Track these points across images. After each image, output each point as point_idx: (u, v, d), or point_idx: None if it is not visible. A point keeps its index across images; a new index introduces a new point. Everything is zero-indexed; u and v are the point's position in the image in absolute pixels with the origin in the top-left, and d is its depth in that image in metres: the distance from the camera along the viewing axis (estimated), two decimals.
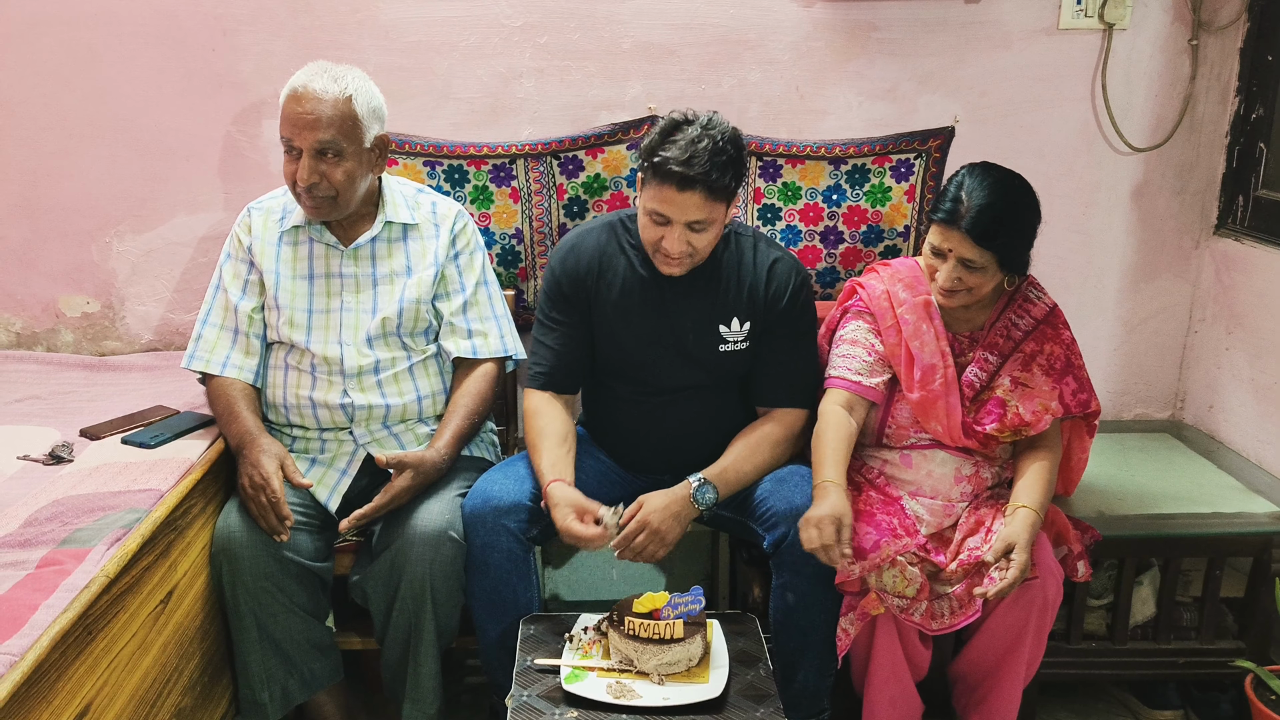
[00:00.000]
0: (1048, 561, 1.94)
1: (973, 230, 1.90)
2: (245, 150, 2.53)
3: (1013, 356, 2.03)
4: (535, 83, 2.50)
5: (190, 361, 2.15)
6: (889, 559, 1.92)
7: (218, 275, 2.18)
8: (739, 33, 2.49)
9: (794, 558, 1.93)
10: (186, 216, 2.57)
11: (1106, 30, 2.52)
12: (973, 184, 1.93)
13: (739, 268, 2.08)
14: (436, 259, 2.18)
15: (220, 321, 2.15)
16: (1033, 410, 1.99)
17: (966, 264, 1.93)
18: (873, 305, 2.08)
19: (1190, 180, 2.65)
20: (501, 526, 1.96)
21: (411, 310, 2.15)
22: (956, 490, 2.05)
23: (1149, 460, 2.54)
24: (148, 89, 2.48)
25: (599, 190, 2.56)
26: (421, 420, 2.20)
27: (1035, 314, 2.05)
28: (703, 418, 2.15)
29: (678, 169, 1.84)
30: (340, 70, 2.03)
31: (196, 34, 2.45)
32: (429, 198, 2.24)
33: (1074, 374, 2.04)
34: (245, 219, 2.18)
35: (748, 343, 2.10)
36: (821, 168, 2.56)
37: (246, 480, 1.97)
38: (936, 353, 2.02)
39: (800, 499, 1.96)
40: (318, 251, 2.15)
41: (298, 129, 1.98)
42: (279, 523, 1.95)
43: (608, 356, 2.14)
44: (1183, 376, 2.79)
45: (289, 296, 2.13)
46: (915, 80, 2.54)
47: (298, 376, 2.13)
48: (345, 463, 2.13)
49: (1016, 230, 1.95)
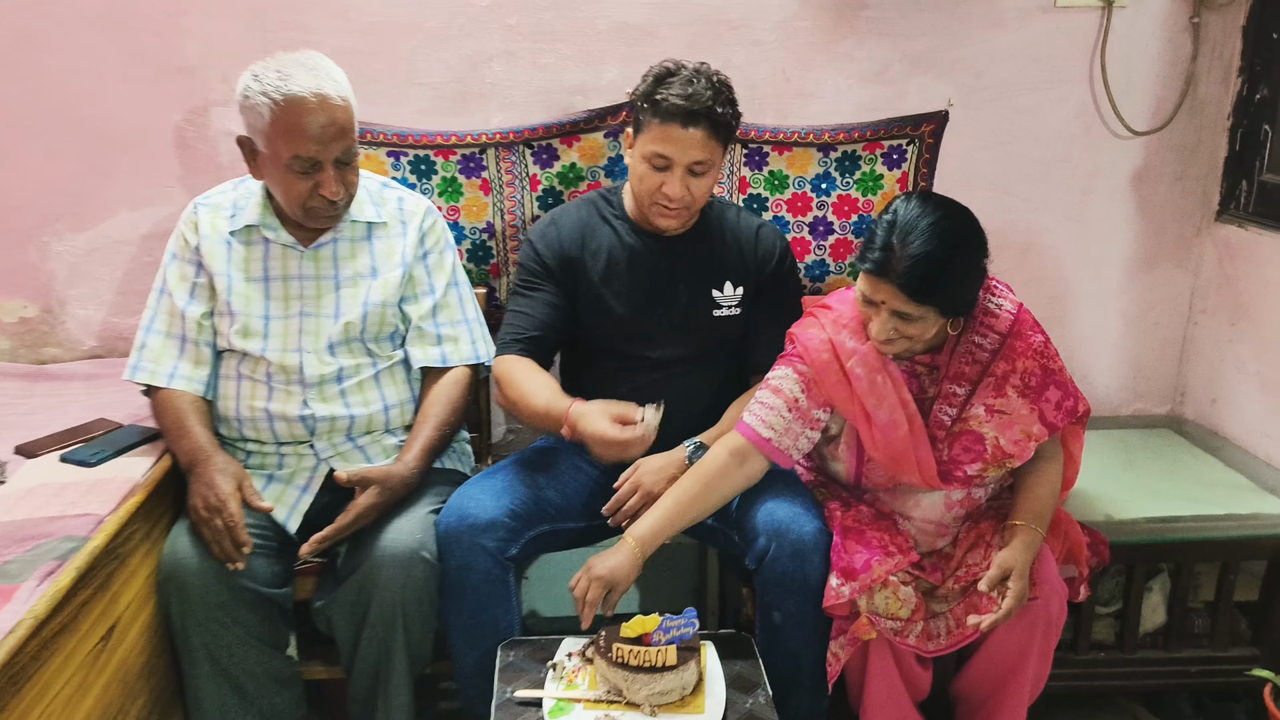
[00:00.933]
0: (1050, 579, 1.81)
1: (907, 285, 1.67)
2: (193, 140, 2.36)
3: (982, 382, 1.82)
4: (505, 66, 2.36)
5: (133, 373, 1.98)
6: (880, 579, 1.79)
7: (161, 278, 2.01)
8: (721, 12, 2.36)
9: (778, 575, 1.83)
10: (130, 213, 2.40)
11: (1106, 7, 2.41)
12: (907, 223, 1.69)
13: (725, 231, 2.07)
14: (404, 259, 2.03)
15: (165, 329, 1.99)
16: (1014, 440, 1.81)
17: (902, 316, 1.73)
18: (811, 359, 1.86)
19: (1191, 165, 2.56)
20: (478, 546, 1.84)
21: (377, 314, 2.00)
22: (949, 516, 1.91)
23: (1153, 458, 2.44)
24: (86, 76, 2.31)
25: (575, 181, 2.41)
26: (389, 431, 2.05)
27: (999, 328, 1.83)
28: (695, 395, 2.06)
29: (682, 103, 1.84)
30: (315, 61, 1.86)
31: (139, 16, 2.28)
32: (395, 193, 2.09)
33: (1054, 383, 1.83)
34: (191, 216, 2.01)
35: (740, 308, 2.06)
36: (810, 155, 2.43)
37: (200, 502, 1.81)
38: (896, 405, 1.81)
39: (783, 512, 1.86)
40: (274, 252, 1.99)
41: (323, 143, 1.82)
42: (235, 549, 1.79)
43: (595, 330, 2.06)
44: (1182, 370, 2.69)
45: (243, 301, 1.96)
46: (907, 61, 2.43)
47: (252, 387, 1.97)
48: (306, 479, 1.98)
49: (958, 277, 1.72)
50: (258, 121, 1.83)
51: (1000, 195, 2.53)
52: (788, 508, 1.87)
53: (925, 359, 1.86)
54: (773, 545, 1.82)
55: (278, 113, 1.80)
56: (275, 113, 1.80)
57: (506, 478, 1.97)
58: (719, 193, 2.43)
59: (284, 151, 1.83)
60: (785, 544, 1.82)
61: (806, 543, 1.82)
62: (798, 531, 1.83)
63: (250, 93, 1.82)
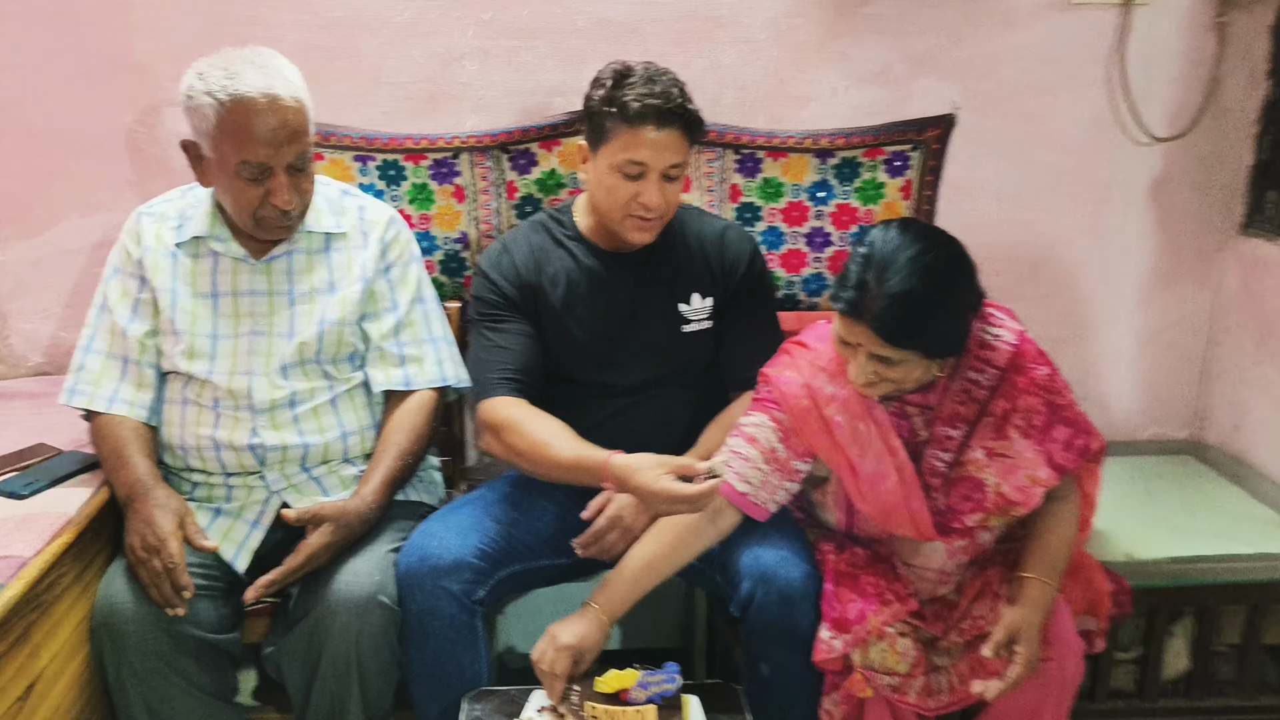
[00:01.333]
0: (1065, 636, 1.65)
1: (884, 329, 1.51)
2: (144, 143, 2.21)
3: (980, 422, 1.65)
4: (479, 65, 2.21)
5: (70, 397, 1.84)
6: (876, 631, 1.64)
7: (101, 294, 1.87)
8: (710, 7, 2.21)
9: (765, 623, 1.68)
10: (79, 219, 2.25)
11: (1125, 5, 2.26)
12: (883, 258, 1.51)
13: (688, 239, 1.94)
14: (364, 273, 1.88)
15: (106, 349, 1.84)
16: (1018, 486, 1.64)
17: (882, 360, 1.56)
18: (788, 405, 1.69)
19: (1214, 174, 2.40)
20: (441, 589, 1.69)
21: (334, 333, 1.85)
22: (952, 563, 1.75)
23: (1174, 488, 2.30)
24: (30, 73, 2.16)
25: (554, 188, 2.26)
26: (347, 461, 1.89)
27: (998, 362, 1.65)
28: (668, 423, 1.92)
29: (654, 102, 1.72)
30: (266, 58, 1.72)
31: (85, 9, 2.13)
32: (356, 201, 1.94)
33: (1062, 420, 1.66)
34: (134, 226, 1.87)
35: (711, 321, 1.93)
36: (806, 161, 2.28)
37: (137, 540, 1.66)
38: (883, 454, 1.65)
39: (770, 555, 1.71)
40: (223, 266, 1.84)
41: (274, 147, 1.68)
42: (175, 593, 1.64)
43: (560, 359, 1.91)
44: (1203, 392, 2.54)
45: (188, 319, 1.81)
46: (909, 62, 2.27)
47: (198, 412, 1.82)
48: (256, 513, 1.82)
49: (943, 318, 1.55)
50: (203, 124, 1.69)
51: (1009, 206, 2.37)
52: (774, 550, 1.72)
53: (916, 398, 1.68)
54: (758, 591, 1.68)
55: (224, 114, 1.66)
56: (221, 114, 1.66)
57: (474, 513, 1.82)
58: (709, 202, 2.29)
59: (232, 157, 1.69)
60: (772, 590, 1.68)
61: (795, 589, 1.68)
62: (785, 576, 1.68)
63: (194, 92, 1.68)
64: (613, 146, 1.75)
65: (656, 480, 1.56)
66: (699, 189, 2.27)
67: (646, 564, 1.68)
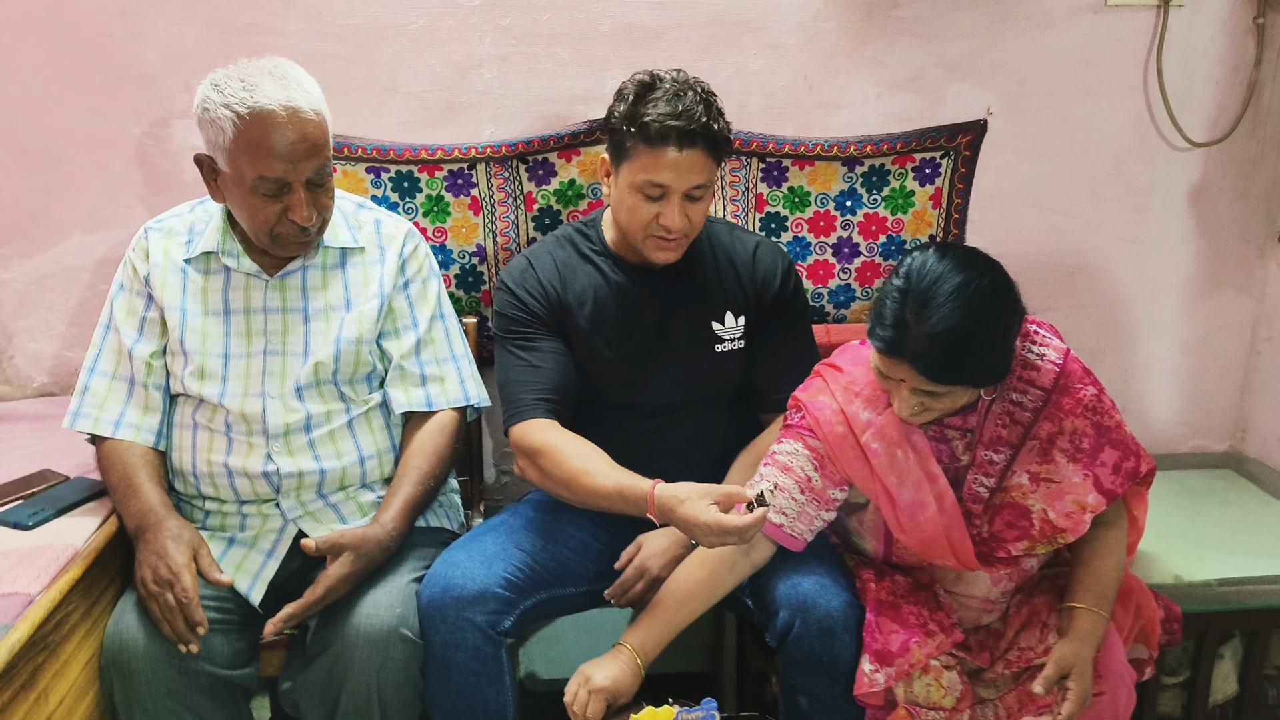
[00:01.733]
0: (1117, 668, 1.58)
1: (928, 368, 1.44)
2: (153, 156, 2.14)
3: (1025, 446, 1.58)
4: (498, 73, 2.14)
5: (74, 421, 1.76)
6: (921, 664, 1.57)
7: (108, 312, 1.80)
8: (737, 12, 2.14)
9: (805, 654, 1.61)
10: (84, 236, 2.18)
11: (1162, 6, 2.19)
12: (922, 295, 1.43)
13: (718, 255, 1.87)
14: (381, 289, 1.81)
15: (112, 370, 1.77)
16: (1066, 512, 1.57)
17: (926, 393, 1.50)
18: (823, 433, 1.62)
19: (1254, 180, 2.34)
20: (466, 621, 1.62)
21: (351, 353, 1.78)
22: (995, 591, 1.68)
23: (1218, 504, 2.23)
24: (32, 85, 2.09)
25: (574, 199, 2.19)
26: (365, 486, 1.82)
27: (1042, 382, 1.58)
28: (699, 445, 1.86)
29: (675, 123, 1.63)
30: (285, 69, 1.64)
31: (90, 17, 2.06)
32: (372, 214, 1.88)
33: (1110, 443, 1.58)
34: (141, 242, 1.80)
35: (744, 340, 1.86)
36: (834, 169, 2.21)
37: (149, 574, 1.58)
38: (922, 483, 1.58)
39: (809, 583, 1.64)
40: (235, 282, 1.77)
41: (293, 162, 1.61)
42: (188, 629, 1.56)
43: (589, 379, 1.84)
44: (1244, 403, 2.47)
45: (198, 339, 1.74)
46: (943, 67, 2.20)
47: (210, 438, 1.75)
48: (271, 542, 1.75)
49: (989, 352, 1.47)
50: (219, 137, 1.61)
51: (1046, 213, 2.31)
52: (813, 578, 1.65)
53: (956, 421, 1.61)
54: (797, 621, 1.61)
55: (242, 128, 1.59)
56: (239, 128, 1.59)
57: (497, 540, 1.75)
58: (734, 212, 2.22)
59: (249, 171, 1.61)
60: (811, 620, 1.61)
61: (835, 619, 1.61)
62: (825, 606, 1.61)
63: (210, 105, 1.61)
64: (633, 166, 1.68)
65: (704, 512, 1.49)
66: (723, 199, 2.20)
67: (679, 601, 1.62)
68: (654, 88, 1.68)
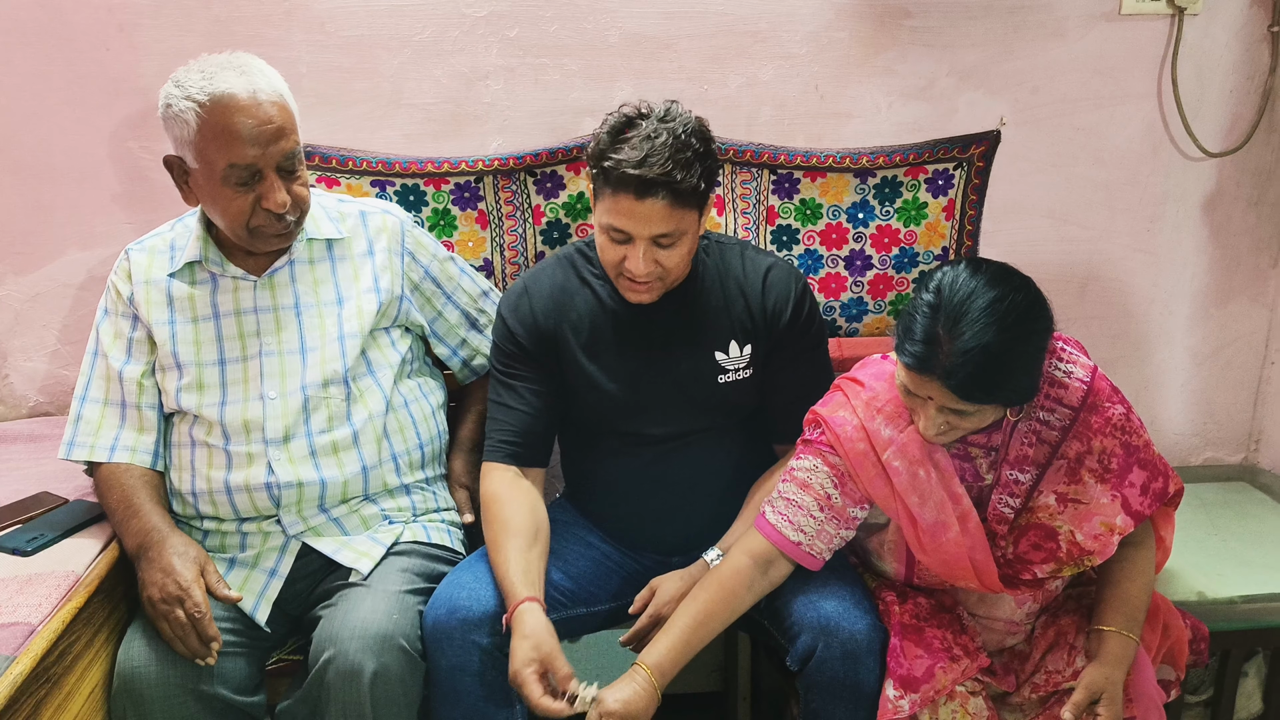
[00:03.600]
0: (1148, 691, 1.55)
1: (959, 386, 1.40)
2: (150, 170, 2.09)
3: (1052, 465, 1.55)
4: (504, 84, 2.10)
5: (69, 450, 1.73)
6: (946, 690, 1.53)
7: (94, 339, 1.77)
8: (748, 22, 2.10)
9: (828, 679, 1.57)
10: (80, 252, 2.14)
11: (1176, 15, 2.16)
12: (954, 310, 1.40)
13: (727, 281, 1.77)
14: (378, 285, 1.79)
15: (103, 396, 1.74)
16: (1093, 534, 1.53)
17: (955, 412, 1.46)
18: (844, 450, 1.58)
19: (1269, 189, 2.31)
20: (472, 644, 1.58)
21: (355, 347, 1.75)
22: (1020, 613, 1.65)
23: (1234, 517, 2.20)
24: (28, 98, 2.05)
25: (583, 212, 2.15)
26: (368, 499, 1.77)
27: (1070, 400, 1.54)
28: (709, 471, 1.80)
29: (633, 172, 1.54)
30: (244, 61, 1.64)
31: (87, 30, 2.02)
32: (354, 206, 1.85)
33: (1138, 463, 1.55)
34: (123, 264, 1.77)
35: (750, 369, 1.76)
36: (845, 181, 2.17)
37: (156, 591, 1.55)
38: (944, 503, 1.54)
39: (831, 605, 1.59)
40: (223, 286, 1.74)
41: (261, 145, 1.58)
42: (203, 645, 1.53)
43: (588, 411, 1.79)
44: (1258, 414, 2.44)
45: (191, 350, 1.71)
46: (955, 76, 2.17)
47: (208, 454, 1.71)
48: (274, 560, 1.71)
49: (1022, 370, 1.43)
50: (184, 131, 1.60)
51: (1058, 223, 2.28)
52: (835, 600, 1.60)
53: (981, 439, 1.57)
54: (819, 645, 1.57)
55: (204, 116, 1.57)
56: (202, 117, 1.57)
57: None
58: (744, 225, 2.18)
59: (218, 160, 1.59)
60: (834, 644, 1.56)
61: (860, 643, 1.56)
62: (849, 629, 1.57)
63: (172, 99, 1.60)
64: (600, 206, 1.62)
65: (524, 668, 1.49)
66: (734, 211, 2.16)
67: (697, 622, 1.57)
68: (632, 126, 1.60)
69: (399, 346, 1.84)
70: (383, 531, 1.76)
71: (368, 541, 1.73)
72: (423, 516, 1.83)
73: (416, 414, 1.84)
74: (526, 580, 1.58)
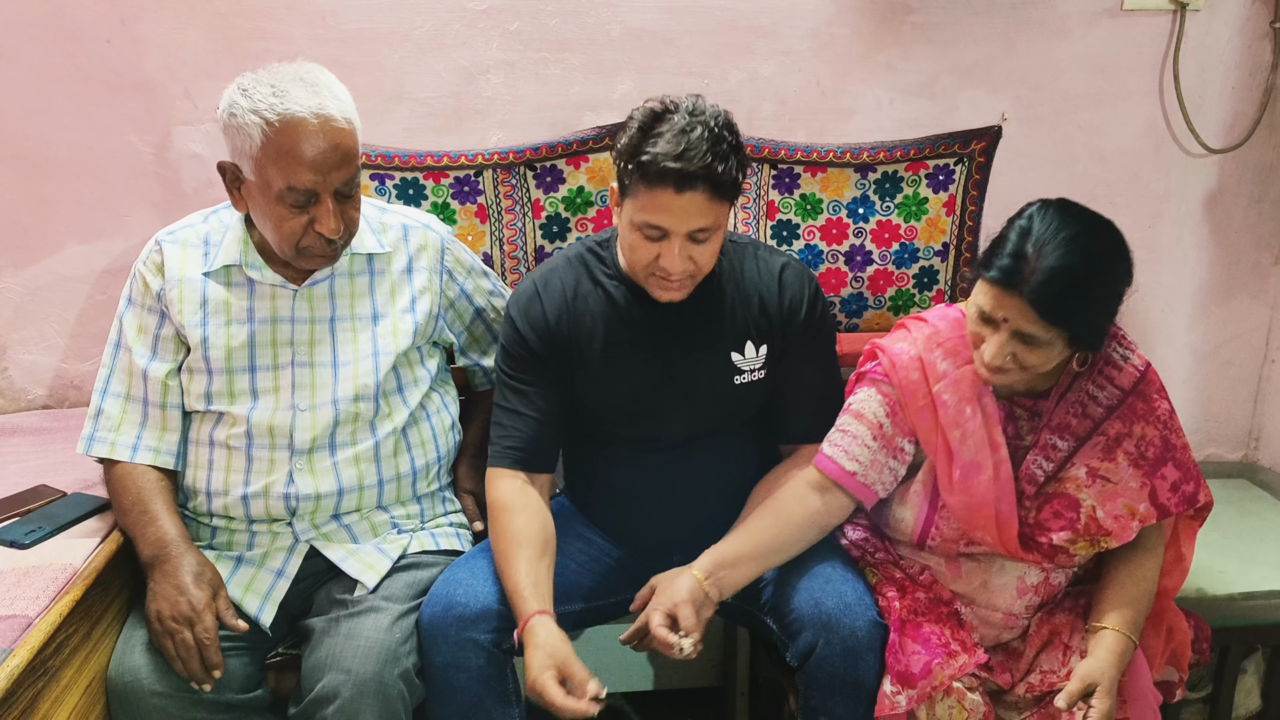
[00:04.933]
0: (1143, 693, 1.55)
1: (1040, 301, 1.42)
2: (151, 165, 2.09)
3: (1090, 440, 1.57)
4: (505, 78, 2.10)
5: (89, 446, 1.70)
6: (944, 686, 1.53)
7: (117, 330, 1.72)
8: (749, 18, 2.10)
9: (828, 675, 1.56)
10: (81, 246, 2.14)
11: (1178, 11, 2.16)
12: (1044, 233, 1.44)
13: (742, 281, 1.74)
14: (414, 307, 1.76)
15: (125, 390, 1.70)
16: (1115, 515, 1.56)
17: (1025, 339, 1.46)
18: (897, 378, 1.61)
19: (1270, 186, 2.31)
20: (469, 640, 1.57)
21: (388, 364, 1.72)
22: (1020, 604, 1.65)
23: (1234, 514, 2.19)
24: (29, 92, 2.05)
25: (583, 206, 2.15)
26: (380, 507, 1.76)
27: (1121, 382, 1.57)
28: (719, 475, 1.79)
29: (674, 166, 1.49)
30: (315, 75, 1.56)
31: (89, 24, 2.02)
32: (397, 218, 1.80)
33: (1174, 461, 1.57)
34: (154, 255, 1.70)
35: (765, 370, 1.74)
36: (846, 176, 2.17)
37: (167, 608, 1.53)
38: (984, 445, 1.56)
39: (832, 601, 1.59)
40: (260, 292, 1.69)
41: (323, 172, 1.53)
42: (204, 670, 1.52)
43: (597, 414, 1.76)
44: (1258, 412, 2.44)
45: (223, 355, 1.67)
46: (957, 73, 2.17)
47: (228, 456, 1.68)
48: (281, 561, 1.70)
49: (1100, 302, 1.48)
50: (246, 144, 1.54)
51: None
52: (836, 596, 1.60)
53: (1027, 402, 1.61)
54: (820, 641, 1.56)
55: (271, 135, 1.51)
56: (268, 135, 1.51)
57: None
58: (744, 220, 2.18)
59: (277, 181, 1.54)
60: (835, 640, 1.56)
61: (860, 639, 1.56)
62: (850, 626, 1.56)
63: (238, 110, 1.53)
64: (633, 204, 1.56)
65: (541, 674, 1.46)
66: (734, 206, 2.15)
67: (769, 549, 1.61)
68: (662, 120, 1.54)
69: (429, 364, 1.81)
70: (390, 542, 1.74)
71: (375, 553, 1.71)
72: (429, 522, 1.82)
73: (438, 426, 1.82)
74: (537, 594, 1.55)
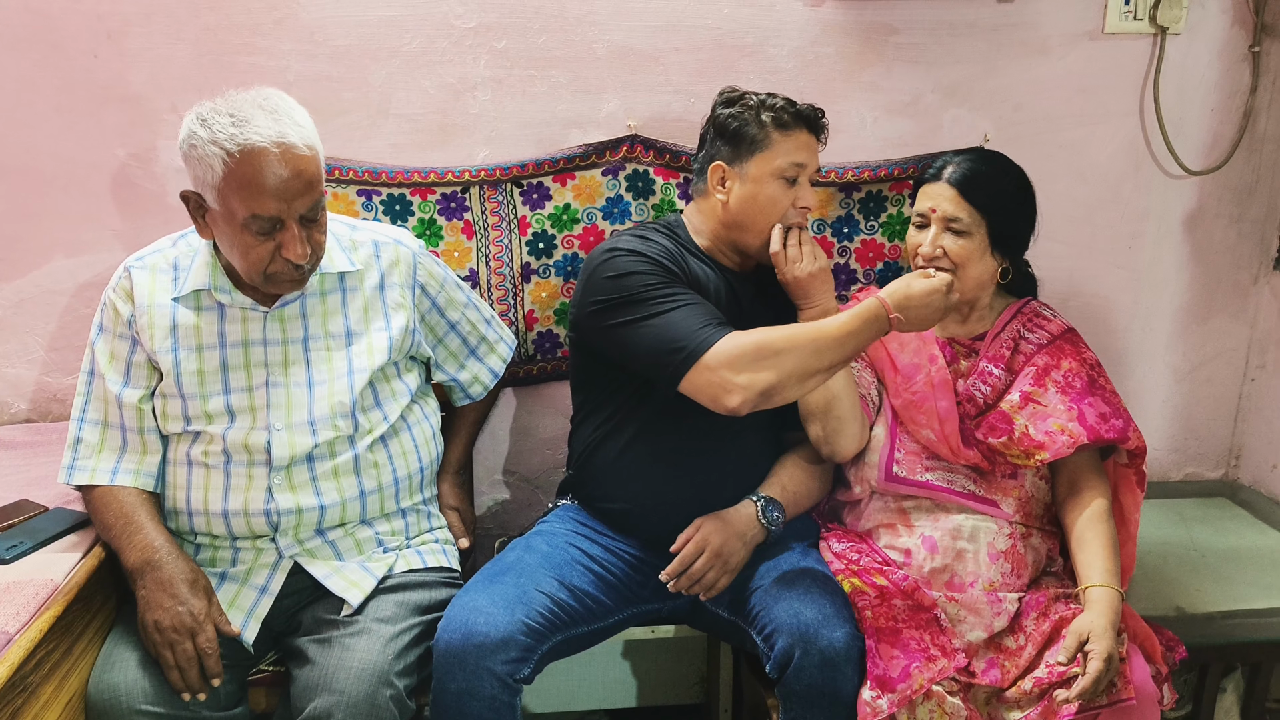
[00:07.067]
0: (1145, 683, 1.56)
1: (959, 181, 1.76)
2: (137, 177, 2.08)
3: (1023, 371, 1.80)
4: (492, 95, 2.10)
5: (70, 475, 1.69)
6: (923, 689, 1.54)
7: (89, 358, 1.71)
8: (735, 36, 2.11)
9: (806, 686, 1.57)
10: (66, 259, 2.12)
11: (1159, 34, 2.18)
12: (961, 153, 1.83)
13: None
14: (389, 323, 1.75)
15: (101, 418, 1.70)
16: (1046, 431, 1.73)
17: (951, 225, 1.75)
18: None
19: (1249, 206, 2.33)
20: (485, 670, 1.56)
21: (363, 381, 1.72)
22: (995, 570, 1.69)
23: (1213, 533, 2.21)
24: (14, 105, 2.04)
25: (569, 224, 2.15)
26: (365, 522, 1.76)
27: (1051, 329, 1.84)
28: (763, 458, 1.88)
29: (806, 110, 1.78)
30: (275, 101, 1.55)
31: (75, 37, 2.01)
32: (368, 235, 1.80)
33: (1101, 397, 1.76)
34: (123, 282, 1.70)
35: None
36: (830, 195, 2.18)
37: (166, 618, 1.53)
38: (919, 350, 1.81)
39: (810, 612, 1.61)
40: (231, 316, 1.69)
41: (287, 200, 1.53)
42: (202, 680, 1.52)
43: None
44: (1238, 430, 2.46)
45: (195, 381, 1.66)
46: (940, 92, 2.18)
47: (206, 475, 1.68)
48: (264, 578, 1.69)
49: (1010, 195, 1.79)
50: (207, 175, 1.52)
51: (1040, 239, 2.21)
52: (815, 607, 1.62)
53: (966, 341, 1.85)
54: (798, 652, 1.58)
55: (232, 166, 1.50)
56: (229, 166, 1.50)
57: (516, 582, 1.68)
58: None
59: (240, 210, 1.53)
60: (813, 651, 1.57)
61: (838, 651, 1.58)
62: (827, 637, 1.58)
63: (198, 141, 1.51)
64: (772, 153, 1.74)
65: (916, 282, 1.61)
66: None
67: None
68: (745, 94, 1.78)
69: (406, 379, 1.81)
70: (375, 561, 1.74)
71: (359, 570, 1.70)
72: (415, 539, 1.81)
73: (419, 437, 1.82)
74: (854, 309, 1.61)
